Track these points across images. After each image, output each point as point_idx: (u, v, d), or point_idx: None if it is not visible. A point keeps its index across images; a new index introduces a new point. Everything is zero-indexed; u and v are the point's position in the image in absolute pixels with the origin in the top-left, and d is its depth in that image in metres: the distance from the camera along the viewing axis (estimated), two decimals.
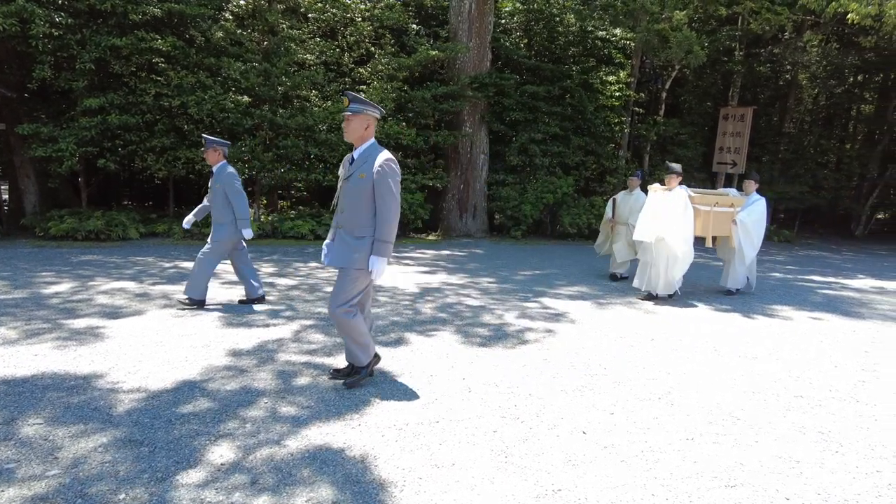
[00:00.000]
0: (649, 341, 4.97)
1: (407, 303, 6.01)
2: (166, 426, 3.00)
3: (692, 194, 6.71)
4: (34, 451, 2.70)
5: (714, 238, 7.19)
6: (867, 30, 13.04)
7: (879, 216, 20.61)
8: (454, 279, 7.47)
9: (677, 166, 6.61)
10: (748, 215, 7.16)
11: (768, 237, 15.81)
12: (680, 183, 6.61)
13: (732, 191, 7.43)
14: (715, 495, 2.57)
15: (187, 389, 3.49)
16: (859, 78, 18.32)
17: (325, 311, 5.52)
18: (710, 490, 2.61)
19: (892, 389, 4.07)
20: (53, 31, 8.64)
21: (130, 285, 6.14)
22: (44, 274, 6.50)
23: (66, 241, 8.86)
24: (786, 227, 17.26)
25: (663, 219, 6.43)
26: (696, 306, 6.54)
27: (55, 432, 2.88)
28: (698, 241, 6.89)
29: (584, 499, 2.50)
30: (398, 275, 7.56)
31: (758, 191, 7.40)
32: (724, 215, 7.06)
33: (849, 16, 11.07)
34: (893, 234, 19.57)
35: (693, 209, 6.61)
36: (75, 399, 3.28)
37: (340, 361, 4.09)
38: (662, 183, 6.81)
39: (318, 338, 4.64)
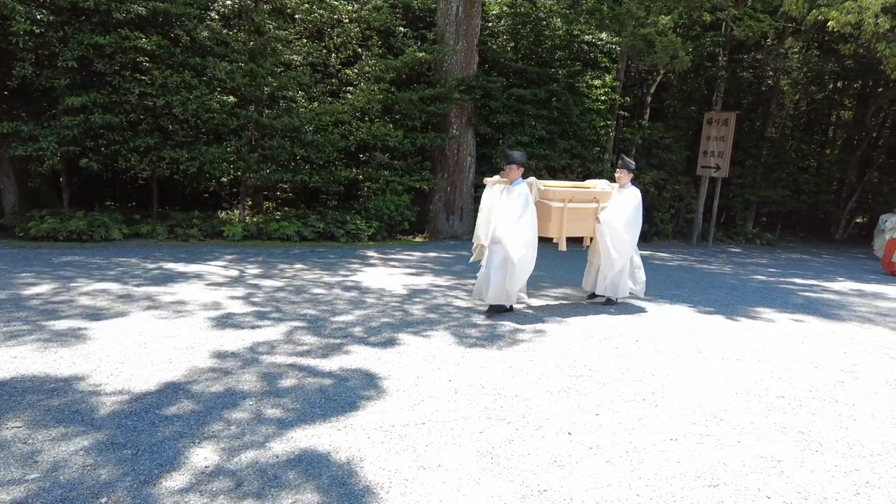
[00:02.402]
0: (634, 343, 5.01)
1: (394, 304, 6.00)
2: (149, 428, 2.96)
3: (542, 188, 5.87)
4: (13, 454, 2.65)
5: (577, 239, 6.47)
6: (846, 37, 13.29)
7: (858, 220, 21.00)
8: (441, 281, 7.47)
9: (518, 154, 5.67)
10: (616, 214, 6.14)
11: (750, 240, 16.12)
12: (524, 175, 5.74)
13: (602, 182, 6.47)
14: (698, 495, 2.61)
15: (171, 391, 3.45)
16: (839, 84, 18.67)
17: (313, 312, 5.50)
18: (693, 490, 2.65)
19: (870, 390, 4.15)
20: (34, 28, 8.50)
21: (113, 286, 6.06)
22: (23, 275, 6.39)
23: (46, 241, 8.72)
24: (768, 231, 17.52)
25: (500, 217, 5.51)
26: (679, 308, 6.60)
27: (35, 436, 2.83)
28: (552, 244, 6.24)
29: (570, 499, 2.52)
30: (385, 277, 7.54)
31: (634, 182, 6.50)
32: (582, 212, 6.09)
33: (829, 23, 11.27)
34: (871, 237, 19.94)
35: (543, 205, 5.80)
36: (56, 402, 3.22)
37: (328, 363, 4.08)
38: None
39: (304, 339, 4.61)
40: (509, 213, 5.49)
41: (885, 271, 11.23)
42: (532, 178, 5.92)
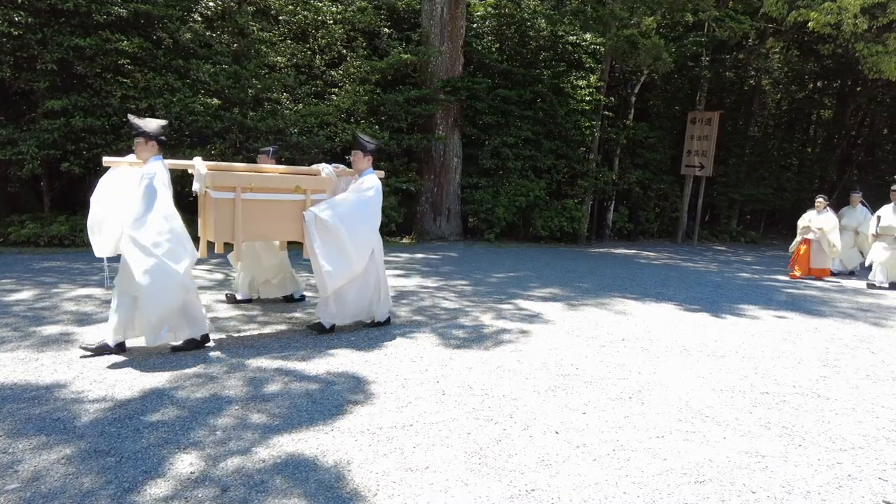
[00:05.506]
0: (620, 341, 5.04)
1: None
2: (133, 435, 2.92)
3: (203, 171, 4.30)
4: None
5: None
6: (826, 38, 13.51)
7: None
8: (429, 282, 7.47)
9: (146, 123, 4.19)
10: (334, 208, 4.54)
11: (735, 238, 16.30)
12: (160, 153, 4.15)
13: (328, 167, 4.88)
14: (684, 491, 2.63)
15: (155, 397, 3.41)
16: (819, 84, 18.98)
17: (299, 315, 5.47)
18: (679, 486, 2.67)
19: (851, 384, 4.22)
20: (12, 30, 8.37)
21: (97, 291, 5.97)
22: (3, 281, 6.28)
23: (27, 247, 8.58)
24: (752, 229, 17.75)
25: (124, 216, 3.94)
26: (665, 306, 6.66)
27: (15, 445, 2.78)
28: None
29: (557, 499, 2.53)
30: None
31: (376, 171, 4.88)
32: (273, 207, 4.50)
33: (808, 24, 11.45)
34: None
35: (206, 197, 4.41)
36: (37, 410, 3.17)
37: (315, 366, 4.06)
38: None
39: (291, 343, 4.58)
40: (128, 207, 3.94)
41: (789, 272, 9.72)
42: (197, 159, 4.43)
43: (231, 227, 4.38)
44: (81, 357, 4.02)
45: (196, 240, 4.49)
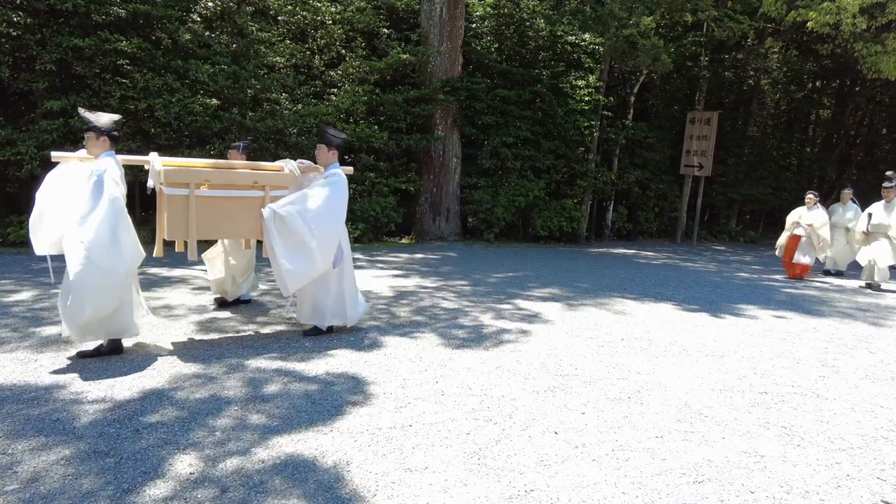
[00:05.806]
0: (619, 341, 5.05)
1: (381, 306, 5.98)
2: (132, 436, 2.92)
3: (159, 167, 4.11)
4: None
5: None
6: (825, 38, 13.53)
7: None
8: (428, 282, 7.47)
9: (97, 117, 3.98)
10: (295, 205, 4.31)
11: (734, 238, 16.31)
12: (113, 148, 3.99)
13: (291, 163, 4.66)
14: (683, 491, 2.63)
15: (154, 398, 3.41)
16: (817, 84, 19.00)
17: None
18: (678, 486, 2.67)
19: (850, 384, 4.22)
20: (11, 30, 8.37)
21: None
22: (3, 282, 6.28)
23: (26, 247, 8.57)
24: (751, 229, 17.76)
25: (69, 213, 3.77)
26: (664, 306, 6.66)
27: (14, 446, 2.78)
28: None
29: (556, 499, 2.53)
30: (372, 279, 7.52)
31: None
32: (230, 204, 4.29)
33: (807, 24, 11.46)
34: None
35: (160, 195, 4.23)
36: (35, 411, 3.17)
37: (314, 367, 4.06)
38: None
39: (290, 344, 4.58)
40: (75, 204, 3.75)
41: (786, 272, 9.70)
42: (153, 155, 4.25)
43: (185, 224, 4.17)
44: (80, 358, 4.04)
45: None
